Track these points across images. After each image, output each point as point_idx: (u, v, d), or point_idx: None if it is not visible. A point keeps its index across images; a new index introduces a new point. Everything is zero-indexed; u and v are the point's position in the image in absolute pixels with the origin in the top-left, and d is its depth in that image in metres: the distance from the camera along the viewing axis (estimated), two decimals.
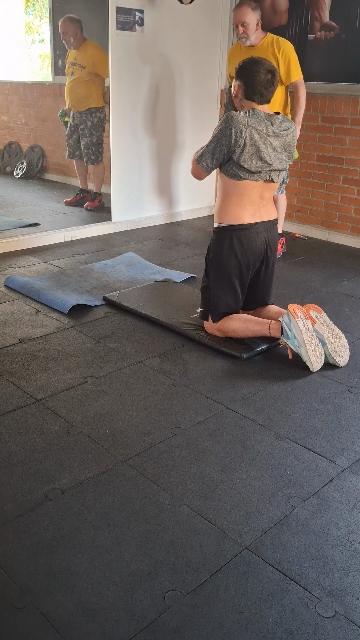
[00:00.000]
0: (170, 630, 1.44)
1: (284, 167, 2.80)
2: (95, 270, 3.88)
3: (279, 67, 3.91)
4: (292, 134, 2.78)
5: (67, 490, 1.89)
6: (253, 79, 2.68)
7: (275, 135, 2.70)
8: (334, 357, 2.71)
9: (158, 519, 1.78)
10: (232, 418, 2.32)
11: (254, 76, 2.68)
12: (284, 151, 2.76)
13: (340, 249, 4.62)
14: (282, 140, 2.73)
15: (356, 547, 1.71)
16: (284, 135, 2.74)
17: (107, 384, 2.53)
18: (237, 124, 2.63)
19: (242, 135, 2.63)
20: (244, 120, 2.64)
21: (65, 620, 1.46)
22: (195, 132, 5.19)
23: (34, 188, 6.37)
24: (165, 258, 4.21)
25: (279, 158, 2.74)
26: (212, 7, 4.99)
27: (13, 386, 2.50)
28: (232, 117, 2.64)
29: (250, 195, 2.77)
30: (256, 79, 2.67)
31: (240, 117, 2.65)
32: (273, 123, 2.69)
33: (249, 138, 2.64)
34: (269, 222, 2.87)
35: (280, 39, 3.92)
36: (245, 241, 2.80)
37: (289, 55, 3.90)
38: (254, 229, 2.81)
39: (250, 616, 1.49)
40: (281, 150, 2.74)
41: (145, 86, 4.75)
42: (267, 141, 2.68)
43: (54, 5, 5.99)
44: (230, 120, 2.64)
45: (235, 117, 2.64)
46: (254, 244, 2.82)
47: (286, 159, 2.79)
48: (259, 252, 2.86)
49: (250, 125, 2.64)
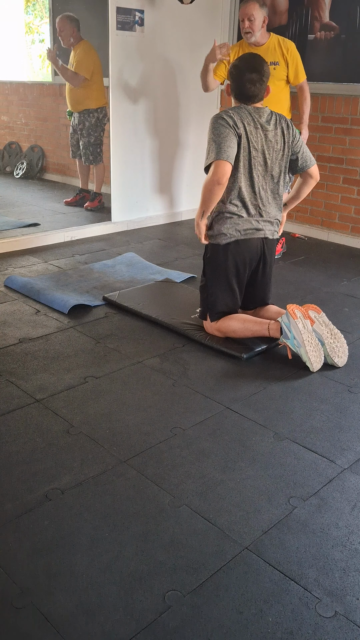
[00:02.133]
0: (170, 630, 1.44)
1: (280, 165, 2.79)
2: (95, 270, 3.88)
3: (288, 68, 3.90)
4: (282, 128, 2.76)
5: (67, 490, 1.90)
6: (239, 80, 2.71)
7: (264, 129, 2.70)
8: (333, 358, 2.71)
9: (158, 519, 1.78)
10: (232, 418, 2.32)
11: (239, 77, 2.70)
12: (277, 145, 2.75)
13: (340, 249, 4.62)
14: (273, 133, 2.73)
15: (356, 547, 1.71)
16: (275, 129, 2.73)
17: (107, 384, 2.53)
18: (226, 117, 2.67)
19: (238, 125, 2.65)
20: (232, 114, 2.67)
21: (65, 620, 1.46)
22: (195, 132, 5.19)
23: (34, 188, 6.37)
24: (165, 258, 4.22)
25: (269, 152, 2.73)
26: (212, 7, 4.99)
27: (13, 386, 2.50)
28: (219, 114, 2.70)
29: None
30: (242, 80, 2.70)
31: (225, 114, 2.68)
32: (261, 116, 2.71)
33: (243, 129, 2.66)
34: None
35: (286, 40, 3.92)
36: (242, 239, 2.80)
37: (296, 56, 3.91)
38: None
39: (250, 616, 1.49)
40: (274, 143, 2.73)
41: (145, 86, 4.75)
42: (259, 133, 2.69)
43: (54, 5, 5.99)
44: (218, 115, 2.70)
45: (221, 113, 2.70)
46: (251, 242, 2.82)
47: (280, 156, 2.77)
48: (256, 251, 2.85)
49: (239, 120, 2.67)
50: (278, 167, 2.79)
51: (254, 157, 2.70)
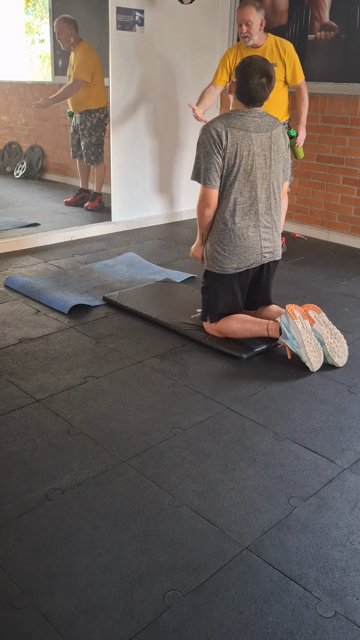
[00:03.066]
0: (170, 630, 1.44)
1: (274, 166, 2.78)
2: (95, 270, 3.88)
3: (286, 69, 3.91)
4: (278, 128, 2.76)
5: (67, 490, 1.90)
6: (250, 83, 2.65)
7: (256, 131, 2.69)
8: (333, 358, 2.71)
9: (158, 519, 1.79)
10: (232, 418, 2.32)
11: (250, 79, 2.65)
12: (272, 146, 2.74)
13: (340, 249, 4.62)
14: (267, 135, 2.71)
15: (356, 547, 1.71)
16: (270, 130, 2.72)
17: (107, 384, 2.53)
18: (212, 130, 2.65)
19: (222, 138, 2.63)
20: (220, 124, 2.65)
21: (65, 620, 1.46)
22: (195, 131, 5.18)
23: (34, 188, 6.37)
24: (165, 258, 4.22)
25: (264, 155, 2.73)
26: (212, 7, 5.00)
27: (13, 386, 2.50)
28: (208, 126, 2.68)
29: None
30: (252, 83, 2.65)
31: (213, 127, 2.66)
32: (258, 122, 2.69)
33: (230, 139, 2.64)
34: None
35: (283, 41, 3.92)
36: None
37: (293, 57, 3.91)
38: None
39: (250, 616, 1.49)
40: (268, 145, 2.72)
41: (145, 86, 4.75)
42: (250, 137, 2.67)
43: (54, 5, 5.99)
44: (206, 128, 2.68)
45: (210, 125, 2.67)
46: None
47: (276, 158, 2.77)
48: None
49: (229, 126, 2.64)
50: (275, 172, 2.78)
51: (247, 165, 2.68)
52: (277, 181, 2.80)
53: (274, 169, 2.77)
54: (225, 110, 5.25)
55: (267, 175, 2.75)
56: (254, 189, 2.73)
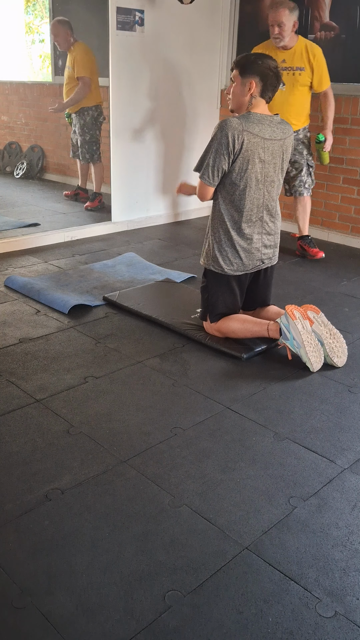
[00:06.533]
0: (170, 630, 1.44)
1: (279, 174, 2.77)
2: (95, 270, 3.88)
3: (313, 74, 3.87)
4: (290, 138, 2.76)
5: (67, 490, 1.90)
6: (275, 82, 2.64)
7: (271, 139, 2.66)
8: (332, 358, 2.71)
9: (158, 519, 1.79)
10: (232, 418, 2.32)
11: (277, 79, 2.64)
12: (282, 155, 2.74)
13: (340, 249, 4.62)
14: (280, 144, 2.71)
15: (356, 547, 1.71)
16: (283, 139, 2.72)
17: (107, 384, 2.53)
18: (229, 130, 2.57)
19: (239, 140, 2.58)
20: (238, 127, 2.57)
21: (65, 620, 1.46)
22: (195, 132, 5.19)
23: (34, 188, 6.36)
24: (165, 258, 4.22)
25: (274, 163, 2.71)
26: (212, 7, 4.99)
27: (13, 386, 2.50)
28: (226, 123, 2.58)
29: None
30: (272, 78, 2.63)
31: (231, 127, 2.57)
32: (271, 124, 2.67)
33: (245, 145, 2.59)
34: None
35: (313, 45, 3.87)
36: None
37: (322, 63, 3.87)
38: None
39: (250, 616, 1.49)
40: (279, 153, 2.72)
41: (145, 86, 4.75)
42: (264, 145, 2.65)
43: (54, 5, 5.99)
44: (224, 125, 2.58)
45: (228, 123, 2.58)
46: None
47: (282, 165, 2.76)
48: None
49: (246, 130, 2.59)
50: (280, 180, 2.78)
51: (258, 172, 2.67)
52: (279, 188, 2.81)
53: (280, 177, 2.78)
54: (225, 110, 5.25)
55: (274, 182, 2.76)
56: (263, 196, 2.74)
